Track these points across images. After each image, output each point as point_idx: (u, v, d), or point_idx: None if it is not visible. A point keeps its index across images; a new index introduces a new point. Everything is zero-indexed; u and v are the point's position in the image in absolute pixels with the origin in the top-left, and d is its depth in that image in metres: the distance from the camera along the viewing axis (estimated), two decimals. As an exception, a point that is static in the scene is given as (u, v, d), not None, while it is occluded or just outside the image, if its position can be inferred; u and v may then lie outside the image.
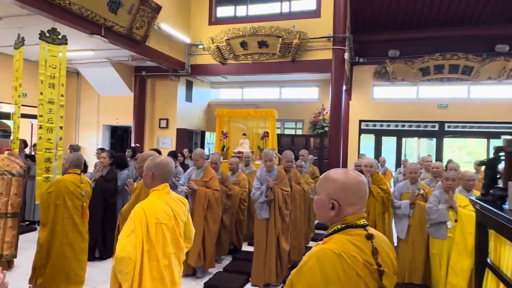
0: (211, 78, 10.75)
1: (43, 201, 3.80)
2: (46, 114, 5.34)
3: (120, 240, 2.02)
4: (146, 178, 2.28)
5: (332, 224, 1.39)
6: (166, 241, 2.11)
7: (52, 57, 5.38)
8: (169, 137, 9.68)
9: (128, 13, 6.45)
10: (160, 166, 2.25)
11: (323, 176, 1.45)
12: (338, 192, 1.37)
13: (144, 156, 3.02)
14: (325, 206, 1.39)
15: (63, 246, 3.69)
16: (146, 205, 2.12)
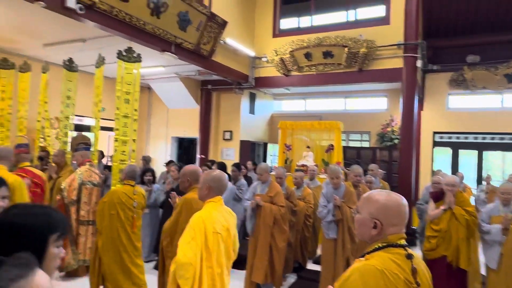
0: (274, 90, 10.74)
1: (99, 210, 3.98)
2: (121, 127, 5.68)
3: (181, 247, 2.12)
4: (202, 190, 2.41)
5: (373, 243, 1.47)
6: (220, 250, 2.22)
7: (128, 74, 5.72)
8: (232, 148, 9.81)
9: (196, 29, 6.68)
10: (216, 179, 2.39)
11: (366, 196, 1.54)
12: (380, 212, 1.45)
13: (186, 169, 3.09)
14: (367, 225, 1.47)
15: (121, 253, 3.84)
16: (205, 215, 2.24)
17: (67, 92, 6.51)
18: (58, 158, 5.13)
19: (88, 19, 4.92)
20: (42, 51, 7.25)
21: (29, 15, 5.54)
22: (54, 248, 1.11)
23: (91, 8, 4.85)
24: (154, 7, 5.69)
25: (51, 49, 7.08)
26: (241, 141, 9.69)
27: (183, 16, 6.26)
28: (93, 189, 5.00)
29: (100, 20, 5.07)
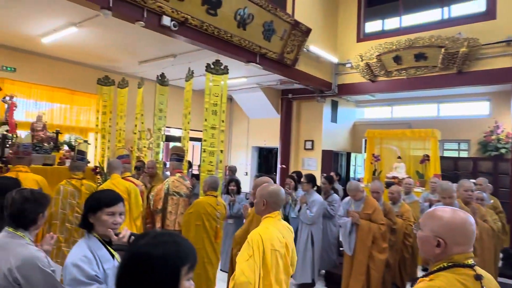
0: (356, 97, 10.25)
1: (185, 221, 4.02)
2: (209, 138, 5.79)
3: (239, 264, 2.12)
4: (259, 205, 2.37)
5: (437, 262, 1.41)
6: (279, 267, 2.19)
7: (215, 86, 5.84)
8: (314, 158, 9.53)
9: (280, 39, 6.62)
10: (273, 194, 2.34)
11: (429, 213, 1.48)
12: (444, 230, 1.39)
13: (258, 182, 3.02)
14: (430, 243, 1.41)
15: (206, 265, 3.83)
16: (262, 231, 2.21)
17: (159, 105, 6.89)
18: (150, 168, 5.39)
19: (180, 35, 5.12)
20: (137, 68, 7.82)
21: (128, 35, 5.99)
22: (185, 282, 1.00)
23: (184, 24, 5.04)
24: (241, 19, 5.75)
25: (145, 66, 7.61)
26: (323, 151, 9.36)
27: (267, 26, 6.24)
28: (179, 200, 5.12)
29: (191, 35, 5.25)
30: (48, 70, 7.40)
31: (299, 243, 4.73)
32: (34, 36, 6.07)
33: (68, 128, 7.66)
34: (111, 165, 4.20)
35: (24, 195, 1.85)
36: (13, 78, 6.88)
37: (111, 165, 4.20)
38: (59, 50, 6.85)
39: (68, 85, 7.68)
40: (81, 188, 4.03)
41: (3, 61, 6.79)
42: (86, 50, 6.87)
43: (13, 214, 1.82)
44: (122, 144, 7.67)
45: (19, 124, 6.58)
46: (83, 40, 6.23)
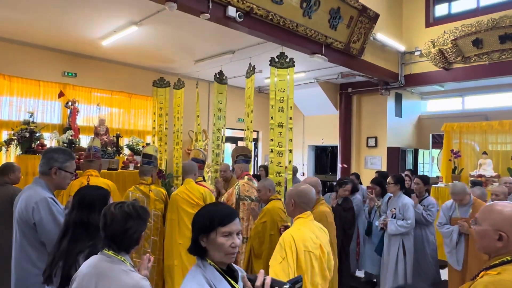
0: (422, 88, 9.38)
1: (257, 232, 3.57)
2: (276, 137, 5.36)
3: (272, 267, 2.04)
4: (289, 206, 2.34)
5: (498, 256, 1.41)
6: (314, 270, 2.10)
7: (281, 81, 5.40)
8: (378, 156, 8.83)
9: (347, 27, 6.06)
10: (302, 194, 2.30)
11: (487, 207, 1.50)
12: (506, 224, 1.39)
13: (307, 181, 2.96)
14: (491, 237, 1.41)
15: None
16: (295, 232, 2.14)
17: (218, 105, 6.58)
18: (224, 172, 5.06)
19: (245, 26, 4.75)
20: (193, 67, 7.60)
21: (186, 33, 5.73)
22: None
23: (249, 14, 4.66)
24: (307, 7, 5.28)
25: (201, 65, 7.36)
26: (388, 148, 8.64)
27: (334, 13, 5.71)
28: (250, 205, 4.76)
29: (256, 26, 4.86)
30: (106, 74, 7.37)
31: (388, 255, 4.17)
32: (94, 39, 5.99)
33: (126, 132, 7.59)
34: (185, 168, 3.92)
35: (125, 210, 1.51)
36: (74, 84, 6.90)
37: (185, 169, 3.92)
38: (117, 53, 6.77)
39: (125, 88, 7.62)
40: (149, 194, 3.76)
41: (64, 67, 6.81)
42: (143, 52, 6.72)
43: (114, 234, 1.48)
44: (179, 147, 7.48)
45: (81, 129, 6.57)
46: (140, 41, 6.06)
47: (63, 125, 6.64)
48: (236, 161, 4.67)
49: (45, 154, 2.36)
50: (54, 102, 6.71)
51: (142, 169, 3.86)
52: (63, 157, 2.33)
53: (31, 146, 5.72)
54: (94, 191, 1.94)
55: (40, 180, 2.31)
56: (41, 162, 2.33)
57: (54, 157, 2.32)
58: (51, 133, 6.47)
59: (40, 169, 2.32)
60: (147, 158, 3.93)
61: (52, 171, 2.30)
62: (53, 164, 2.30)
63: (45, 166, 2.31)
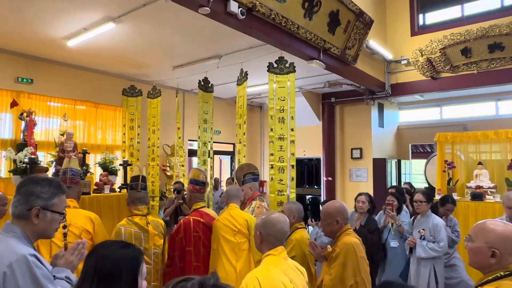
0: (400, 99, 9.26)
1: None
2: (277, 152, 4.78)
3: None
4: (256, 239, 2.02)
5: (491, 272, 1.53)
6: None
7: (281, 88, 4.85)
8: (363, 168, 8.52)
9: (344, 31, 5.66)
10: (269, 225, 1.97)
11: (480, 225, 1.61)
12: (498, 241, 1.51)
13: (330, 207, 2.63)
14: (484, 254, 1.53)
15: None
16: (261, 274, 1.78)
17: (204, 115, 5.87)
18: None
19: (246, 25, 4.15)
20: (170, 74, 6.83)
21: (169, 33, 5.02)
22: None
23: (250, 11, 4.06)
24: (308, 7, 4.79)
25: (179, 71, 6.61)
26: (374, 159, 8.36)
27: (333, 16, 5.29)
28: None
29: (257, 26, 4.27)
30: (68, 81, 6.38)
31: (417, 282, 3.69)
32: (58, 38, 5.07)
33: (92, 147, 6.61)
34: (231, 192, 3.36)
35: None
36: (29, 91, 5.85)
37: (230, 193, 3.34)
38: (84, 55, 5.85)
39: (91, 98, 6.66)
40: (148, 228, 2.98)
41: (18, 71, 5.77)
42: (115, 55, 5.87)
43: None
44: (155, 163, 6.64)
45: (38, 144, 5.55)
46: (113, 41, 5.23)
47: (17, 141, 5.57)
48: (244, 181, 4.01)
49: (21, 187, 1.57)
50: (5, 113, 5.63)
51: (136, 196, 3.07)
52: (48, 191, 1.57)
53: (-24, 167, 4.66)
54: (117, 251, 1.21)
55: (15, 226, 1.52)
56: (16, 200, 1.54)
57: (35, 192, 1.55)
58: (3, 151, 5.38)
59: (15, 210, 1.53)
60: (134, 181, 3.14)
61: (32, 213, 1.52)
62: (34, 202, 1.53)
63: (22, 205, 1.53)
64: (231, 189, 3.47)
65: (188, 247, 3.25)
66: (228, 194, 3.41)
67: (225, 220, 3.18)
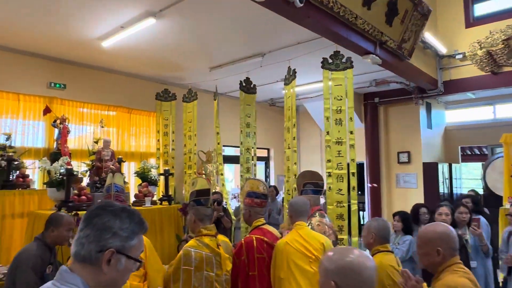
0: (448, 97, 8.54)
1: None
2: (334, 158, 4.24)
3: None
4: None
5: None
6: None
7: (337, 86, 4.32)
8: (412, 174, 7.83)
9: (401, 22, 5.09)
10: (349, 274, 1.30)
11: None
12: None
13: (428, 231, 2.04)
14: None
15: None
16: None
17: (246, 119, 5.40)
18: None
19: (304, 14, 3.65)
20: (206, 76, 6.41)
21: (211, 30, 4.59)
22: None
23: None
24: (367, -6, 4.26)
25: (217, 73, 6.18)
26: (424, 164, 7.67)
27: (392, 5, 4.73)
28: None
29: (315, 15, 3.77)
30: (101, 86, 6.06)
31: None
32: (92, 39, 4.73)
33: (126, 155, 6.24)
34: (297, 207, 2.80)
35: None
36: (62, 97, 5.55)
37: (296, 208, 2.79)
38: (116, 58, 5.51)
39: (124, 103, 6.31)
40: (219, 251, 2.51)
41: (50, 76, 5.47)
42: (149, 56, 5.49)
43: None
44: (192, 171, 6.21)
45: (72, 153, 5.22)
46: (149, 41, 4.86)
47: (50, 150, 5.26)
48: (302, 191, 3.48)
49: (94, 217, 1.08)
50: (38, 121, 5.33)
51: (205, 213, 2.60)
52: (129, 228, 1.09)
53: (8, 178, 4.34)
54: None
55: (75, 276, 1.04)
56: (83, 235, 1.06)
57: (113, 227, 1.06)
58: (36, 160, 5.07)
59: (80, 249, 1.05)
60: (203, 196, 2.67)
61: (104, 257, 1.04)
62: (109, 241, 1.05)
63: (92, 244, 1.05)
64: (298, 203, 2.92)
65: (251, 271, 2.75)
66: (295, 209, 2.86)
67: (295, 243, 2.63)
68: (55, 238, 2.61)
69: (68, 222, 2.66)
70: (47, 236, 2.61)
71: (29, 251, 2.46)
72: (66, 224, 2.64)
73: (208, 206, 2.76)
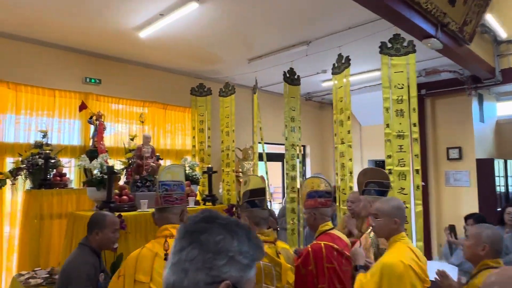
0: (500, 88, 7.85)
1: None
2: (395, 153, 3.79)
3: None
4: None
5: None
6: None
7: (398, 73, 3.86)
8: (464, 171, 7.23)
9: (464, 2, 4.56)
10: None
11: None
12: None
13: None
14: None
15: None
16: None
17: (290, 113, 5.01)
18: (352, 203, 3.47)
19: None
20: (244, 68, 6.07)
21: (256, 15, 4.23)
22: None
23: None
24: (432, -31, 3.78)
25: (256, 64, 5.83)
26: (478, 160, 7.05)
27: (456, -19, 4.23)
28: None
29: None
30: (135, 80, 5.83)
31: None
32: (129, 29, 4.48)
33: (162, 153, 5.99)
34: (398, 210, 2.23)
35: None
36: (97, 93, 5.35)
37: (397, 211, 2.22)
38: (153, 50, 5.25)
39: (159, 98, 6.07)
40: (279, 260, 2.15)
41: (86, 71, 5.27)
42: (186, 47, 5.20)
43: None
44: (231, 169, 5.89)
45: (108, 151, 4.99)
46: (188, 30, 4.56)
47: (86, 147, 5.06)
48: (364, 191, 3.07)
49: (201, 233, 0.72)
50: (73, 119, 5.14)
51: (261, 216, 2.26)
52: (249, 252, 0.73)
53: (46, 177, 4.14)
54: None
55: None
56: (185, 257, 0.71)
57: (230, 250, 0.72)
58: (72, 159, 4.90)
59: (180, 279, 0.70)
60: (258, 196, 2.31)
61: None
62: (225, 270, 0.70)
63: (200, 273, 0.69)
64: (398, 205, 2.31)
65: (321, 283, 2.38)
66: (400, 214, 2.25)
67: (414, 264, 2.05)
68: (100, 242, 2.33)
69: (112, 222, 2.38)
70: (92, 240, 2.33)
71: (79, 260, 2.18)
72: (110, 224, 2.36)
73: (264, 208, 2.40)
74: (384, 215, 2.22)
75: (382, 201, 2.35)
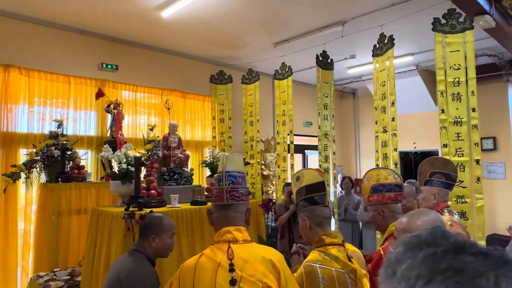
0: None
1: None
2: (451, 142, 3.40)
3: None
4: None
5: None
6: None
7: (453, 53, 3.44)
8: (499, 163, 6.82)
9: (519, -25, 4.12)
10: None
11: None
12: None
13: None
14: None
15: None
16: None
17: (323, 99, 4.63)
18: (408, 200, 3.09)
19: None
20: (270, 53, 5.67)
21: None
22: None
23: None
24: None
25: (282, 49, 5.43)
26: (515, 151, 6.63)
27: (515, -51, 3.79)
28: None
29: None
30: (154, 67, 5.46)
31: None
32: (151, 9, 4.10)
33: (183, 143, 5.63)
34: None
35: None
36: (114, 80, 4.99)
37: None
38: (174, 33, 4.87)
39: (178, 86, 5.70)
40: (353, 265, 1.78)
41: (102, 57, 4.91)
42: (208, 29, 4.81)
43: None
44: (255, 161, 5.53)
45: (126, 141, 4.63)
46: (212, 10, 4.16)
47: (103, 138, 4.72)
48: (427, 181, 2.69)
49: (449, 259, 0.39)
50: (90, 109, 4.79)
51: (324, 214, 1.88)
52: None
53: (63, 169, 3.80)
54: None
55: None
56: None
57: None
58: (88, 150, 4.56)
59: None
60: (317, 192, 1.94)
61: None
62: None
63: None
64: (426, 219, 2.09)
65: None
66: None
67: None
68: (158, 250, 1.95)
69: (170, 225, 2.01)
70: (147, 248, 1.95)
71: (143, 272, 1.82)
72: (168, 228, 1.99)
73: (326, 205, 2.03)
74: None
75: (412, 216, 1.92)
